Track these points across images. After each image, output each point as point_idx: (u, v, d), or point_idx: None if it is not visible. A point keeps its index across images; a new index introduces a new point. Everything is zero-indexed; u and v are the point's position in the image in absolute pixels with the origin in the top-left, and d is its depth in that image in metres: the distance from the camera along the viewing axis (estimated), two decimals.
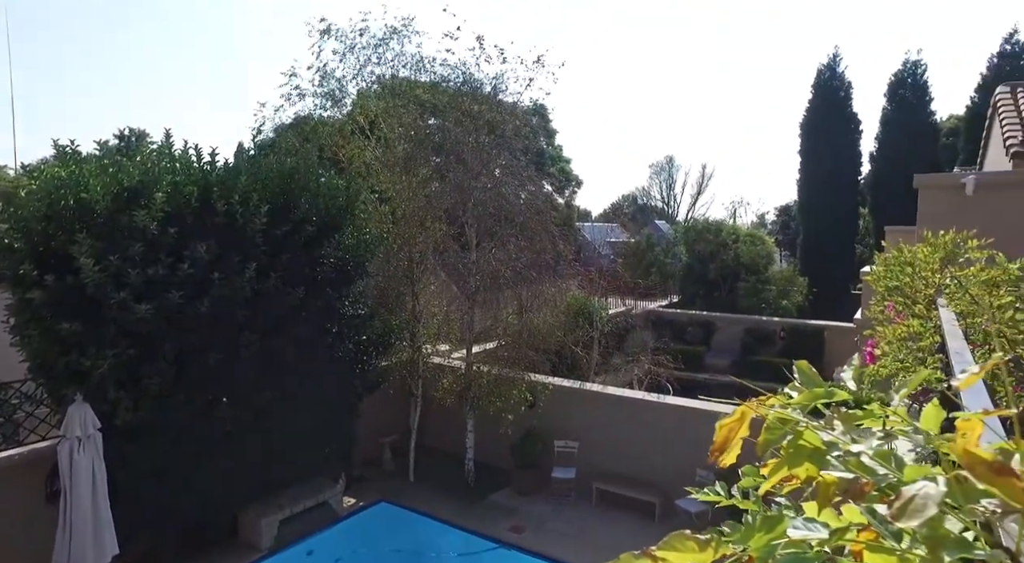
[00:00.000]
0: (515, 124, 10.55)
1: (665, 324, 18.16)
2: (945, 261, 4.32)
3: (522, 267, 9.14)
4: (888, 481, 0.51)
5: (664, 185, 39.77)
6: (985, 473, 0.45)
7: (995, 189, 6.53)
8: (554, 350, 10.32)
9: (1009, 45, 21.45)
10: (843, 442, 0.58)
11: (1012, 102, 10.02)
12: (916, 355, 3.17)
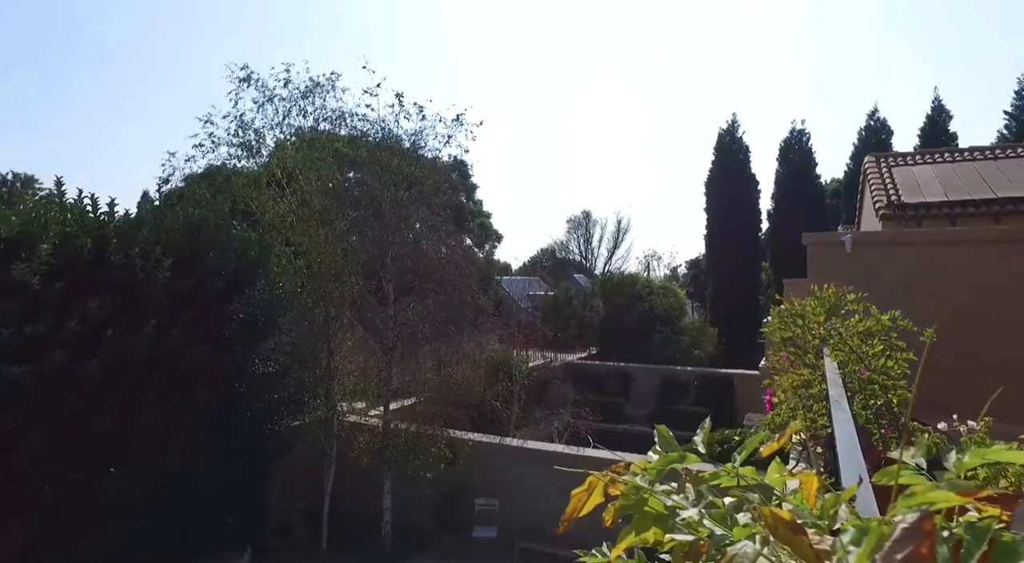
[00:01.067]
0: (435, 179, 10.71)
1: (585, 376, 18.43)
2: (829, 313, 4.70)
3: (441, 322, 9.10)
4: (724, 541, 0.56)
5: (582, 239, 41.18)
6: (784, 532, 0.50)
7: (869, 247, 7.23)
8: (474, 405, 10.22)
9: (872, 121, 24.19)
10: (680, 506, 0.62)
11: (877, 170, 11.22)
12: (807, 402, 3.39)
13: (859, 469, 1.51)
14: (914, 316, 5.52)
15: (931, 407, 4.78)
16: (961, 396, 6.48)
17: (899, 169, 11.61)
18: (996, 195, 9.54)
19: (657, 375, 18.23)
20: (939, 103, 23.78)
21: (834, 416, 2.01)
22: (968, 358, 6.66)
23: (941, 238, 7.72)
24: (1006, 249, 7.00)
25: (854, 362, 3.57)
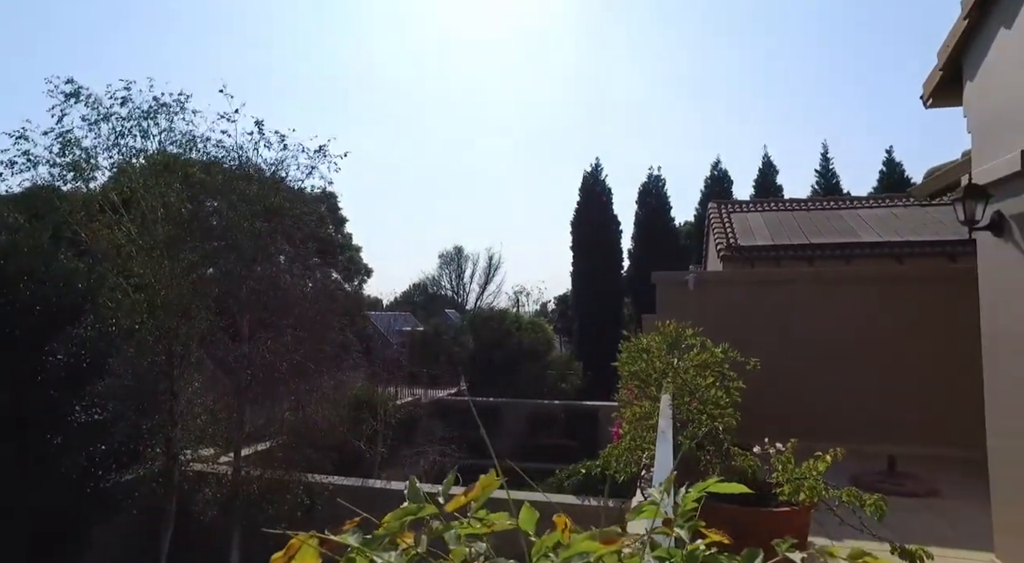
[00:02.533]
0: (301, 210, 10.32)
1: (454, 411, 18.29)
2: (671, 347, 5.08)
3: (300, 360, 8.65)
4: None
5: (454, 275, 41.38)
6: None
7: (708, 285, 7.95)
8: (336, 446, 9.74)
9: (716, 171, 27.01)
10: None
11: (719, 216, 12.45)
12: (644, 434, 3.61)
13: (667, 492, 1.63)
14: (748, 347, 6.11)
15: (776, 428, 5.27)
16: (794, 417, 7.22)
17: (736, 215, 12.97)
18: (809, 241, 10.94)
19: (525, 409, 18.53)
20: (768, 159, 27.04)
21: (657, 447, 2.16)
22: (797, 384, 7.46)
23: (766, 277, 8.68)
24: (819, 288, 8.00)
25: (687, 394, 3.87)
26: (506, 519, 0.77)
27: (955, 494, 5.45)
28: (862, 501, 2.94)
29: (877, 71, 44.94)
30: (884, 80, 44.20)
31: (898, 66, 42.54)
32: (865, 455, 6.47)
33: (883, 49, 45.78)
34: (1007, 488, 3.90)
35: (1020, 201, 3.57)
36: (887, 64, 43.22)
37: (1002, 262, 3.83)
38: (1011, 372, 3.83)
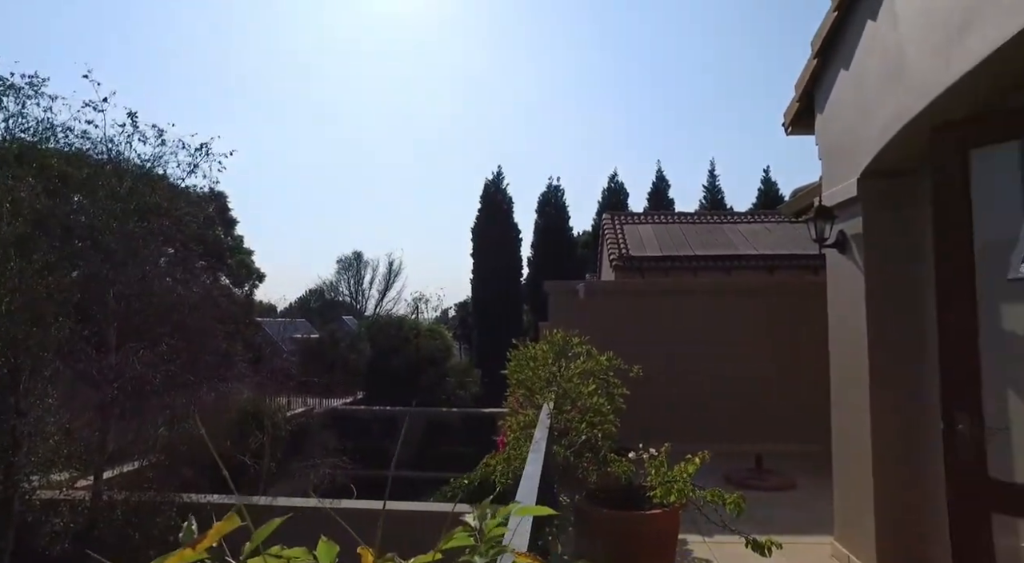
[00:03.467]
0: (183, 210, 9.62)
1: (350, 422, 17.78)
2: (558, 355, 5.20)
3: (177, 370, 8.03)
4: None
5: (352, 280, 40.23)
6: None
7: (598, 294, 8.23)
8: (217, 463, 9.13)
9: (613, 183, 28.14)
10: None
11: (612, 227, 12.96)
12: (529, 443, 3.66)
13: (528, 501, 1.66)
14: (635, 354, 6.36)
15: (661, 432, 5.49)
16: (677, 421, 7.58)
17: (629, 227, 13.56)
18: (695, 253, 11.63)
19: (423, 417, 18.33)
20: (661, 173, 28.53)
21: (529, 457, 2.19)
22: (680, 389, 7.88)
23: (652, 287, 9.11)
24: (703, 298, 8.51)
25: (569, 402, 3.97)
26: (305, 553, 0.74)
27: (809, 486, 5.97)
28: (724, 500, 3.13)
29: (759, 95, 48.70)
30: (766, 104, 47.99)
31: (775, 92, 46.45)
32: (738, 454, 6.95)
33: (762, 74, 49.66)
34: (843, 479, 4.32)
35: (857, 222, 3.98)
36: (767, 89, 46.96)
37: (845, 275, 4.26)
38: (845, 374, 4.25)
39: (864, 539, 3.94)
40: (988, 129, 2.47)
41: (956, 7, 2.93)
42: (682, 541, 4.69)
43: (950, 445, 2.35)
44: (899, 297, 3.84)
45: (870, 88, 3.79)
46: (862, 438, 3.93)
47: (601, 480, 3.55)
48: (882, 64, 3.64)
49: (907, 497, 3.68)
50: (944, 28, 3.02)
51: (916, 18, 3.30)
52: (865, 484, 3.91)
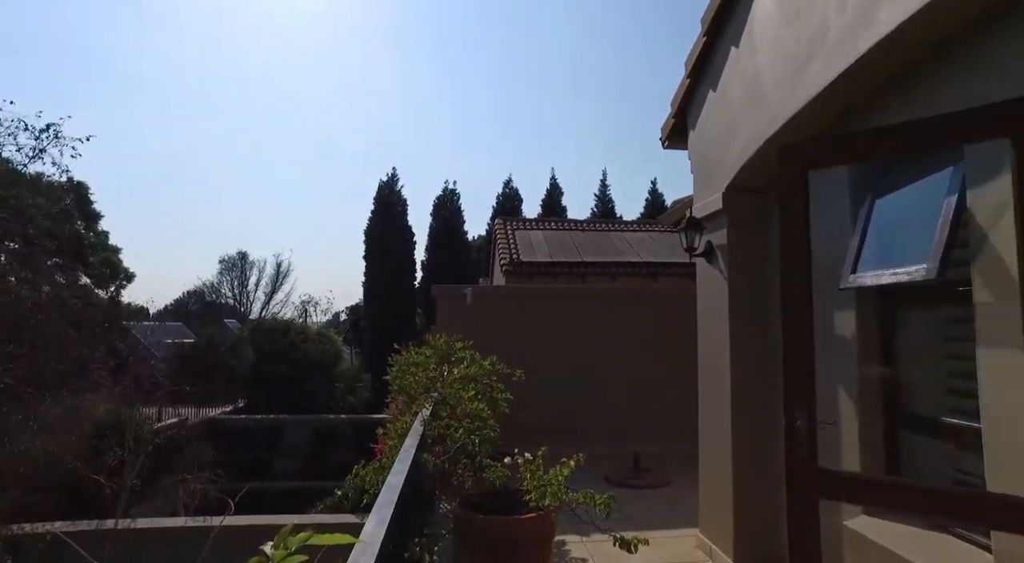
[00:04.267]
0: (28, 201, 8.60)
1: (229, 432, 16.69)
2: (442, 360, 5.15)
3: (13, 382, 7.15)
4: None
5: (236, 282, 37.90)
6: None
7: (486, 299, 8.27)
8: (67, 484, 8.21)
9: (508, 189, 28.53)
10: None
11: (504, 232, 13.10)
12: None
13: (384, 516, 1.61)
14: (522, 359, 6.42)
15: (547, 435, 5.55)
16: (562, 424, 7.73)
17: (520, 232, 13.76)
18: (583, 259, 12.00)
19: (310, 425, 17.56)
20: (555, 181, 29.25)
21: (395, 466, 2.13)
22: (565, 392, 8.06)
23: (539, 292, 9.25)
24: (588, 303, 8.77)
25: (448, 407, 3.94)
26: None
27: (682, 482, 6.31)
28: (594, 501, 3.22)
29: (652, 109, 51.35)
30: (659, 118, 50.63)
31: (665, 106, 49.13)
32: (618, 455, 7.22)
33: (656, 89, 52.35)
34: (707, 474, 4.61)
35: (723, 234, 4.27)
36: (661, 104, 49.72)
37: (711, 283, 4.55)
38: (710, 376, 4.55)
39: (724, 529, 4.21)
40: (824, 151, 2.72)
41: (800, 43, 3.21)
42: (560, 542, 4.79)
43: (790, 440, 2.55)
44: (758, 304, 4.16)
45: (734, 109, 4.08)
46: (723, 436, 4.21)
47: (477, 486, 3.54)
48: (743, 88, 3.93)
49: (759, 489, 3.98)
50: (792, 60, 3.30)
51: (770, 49, 3.59)
52: (725, 479, 4.18)
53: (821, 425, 2.54)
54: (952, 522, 2.67)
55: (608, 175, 29.95)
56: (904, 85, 2.89)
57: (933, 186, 2.75)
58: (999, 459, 2.29)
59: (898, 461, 3.13)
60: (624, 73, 55.64)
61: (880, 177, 3.11)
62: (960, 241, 2.50)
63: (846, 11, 2.83)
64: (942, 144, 2.49)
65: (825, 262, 3.10)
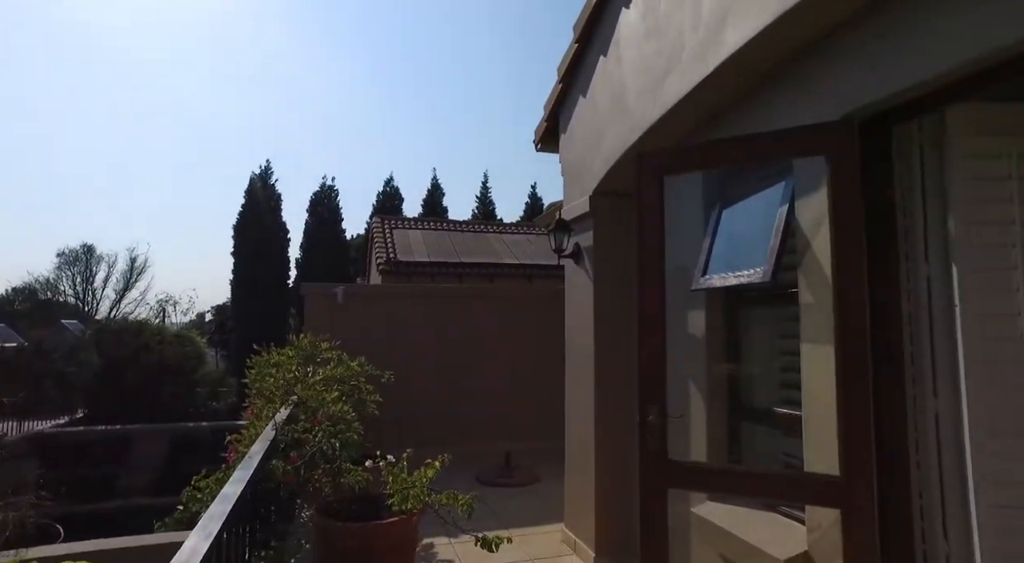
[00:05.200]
0: None
1: (61, 447, 14.86)
2: (307, 361, 4.90)
3: None
4: None
5: (79, 278, 33.87)
6: None
7: (359, 299, 8.01)
8: None
9: (389, 187, 27.98)
10: None
11: (382, 231, 12.81)
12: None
13: (211, 531, 1.46)
14: (395, 359, 6.26)
15: (420, 436, 5.40)
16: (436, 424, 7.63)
17: (399, 231, 13.51)
18: (461, 260, 12.00)
19: (165, 435, 16.06)
20: (436, 181, 29.07)
21: (234, 475, 1.96)
22: (439, 392, 7.97)
23: (414, 292, 9.08)
24: (463, 303, 8.75)
25: (308, 410, 3.74)
26: None
27: (551, 479, 6.46)
28: (457, 501, 3.19)
29: (534, 112, 52.61)
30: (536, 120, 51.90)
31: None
32: (492, 453, 7.27)
33: (539, 93, 53.70)
34: (572, 470, 4.76)
35: (589, 236, 4.43)
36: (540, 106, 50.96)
37: (578, 284, 4.70)
38: (576, 373, 4.70)
39: (586, 522, 4.35)
40: (677, 158, 2.89)
41: (660, 57, 3.40)
42: (429, 545, 4.73)
43: (642, 434, 2.67)
44: (621, 304, 4.34)
45: (601, 115, 4.24)
46: (587, 432, 4.36)
47: (337, 492, 3.39)
48: (610, 96, 4.10)
49: (620, 482, 4.16)
50: (652, 72, 3.48)
51: (634, 61, 3.76)
52: (588, 473, 4.33)
53: (671, 419, 2.69)
54: (777, 501, 2.93)
55: (490, 177, 30.27)
56: (748, 102, 3.14)
57: (771, 197, 3.00)
58: (813, 442, 2.54)
59: (740, 449, 3.39)
60: (510, 75, 56.67)
61: (729, 187, 3.36)
62: (790, 248, 2.76)
63: (699, 30, 3.02)
64: (776, 157, 2.73)
65: (685, 265, 3.30)
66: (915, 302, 2.31)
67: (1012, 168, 2.23)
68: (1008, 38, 1.79)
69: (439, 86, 55.93)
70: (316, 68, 53.10)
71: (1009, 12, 1.77)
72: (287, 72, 53.81)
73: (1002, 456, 2.10)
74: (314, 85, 53.99)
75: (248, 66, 53.78)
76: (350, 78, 54.13)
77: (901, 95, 2.19)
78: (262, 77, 54.24)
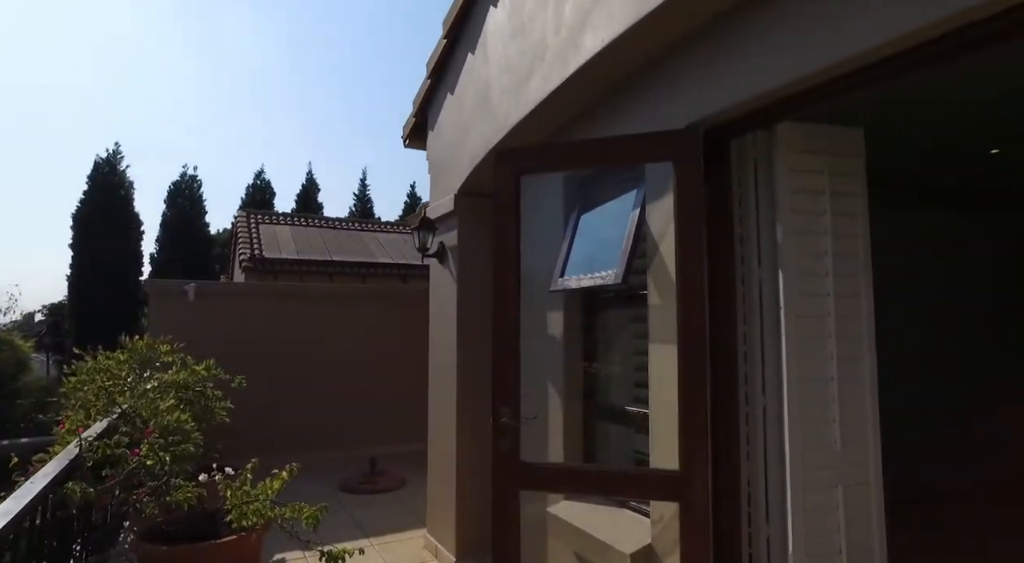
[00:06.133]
0: None
1: None
2: (143, 366, 4.39)
3: None
4: None
5: None
6: None
7: (214, 297, 7.39)
8: None
9: (259, 180, 26.33)
10: None
11: (246, 225, 11.97)
12: None
13: None
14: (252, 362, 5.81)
15: (280, 443, 5.01)
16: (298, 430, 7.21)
17: (265, 226, 12.68)
18: (332, 258, 11.50)
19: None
20: (312, 176, 27.77)
21: (3, 506, 1.65)
22: (302, 397, 7.53)
23: (274, 290, 8.50)
24: (328, 303, 8.33)
25: (135, 421, 3.34)
26: None
27: (417, 482, 6.33)
28: (302, 514, 2.97)
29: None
30: None
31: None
32: (358, 459, 6.99)
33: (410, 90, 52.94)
34: (435, 473, 4.67)
35: (454, 235, 4.36)
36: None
37: (443, 284, 4.61)
38: (439, 374, 4.61)
39: (448, 526, 4.27)
40: (534, 157, 2.89)
41: (524, 58, 3.40)
42: (280, 561, 4.42)
43: (495, 436, 2.63)
44: (485, 305, 4.28)
45: (467, 114, 4.18)
46: (449, 435, 4.28)
47: (164, 512, 3.04)
48: (476, 94, 4.05)
49: (481, 485, 4.11)
50: (516, 72, 3.48)
51: (500, 60, 3.75)
52: (450, 477, 4.25)
53: (526, 421, 2.67)
54: (624, 497, 3.02)
55: (369, 175, 29.42)
56: (610, 106, 3.20)
57: (626, 202, 3.09)
58: (658, 439, 2.63)
59: (595, 448, 3.47)
60: (392, 71, 55.51)
61: (588, 192, 3.43)
62: (641, 252, 2.85)
63: (561, 32, 3.05)
64: (628, 161, 2.81)
65: (547, 267, 3.31)
66: (749, 304, 2.46)
67: (825, 183, 2.45)
68: (812, 66, 1.94)
69: (316, 78, 53.56)
70: (171, 39, 48.82)
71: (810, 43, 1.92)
72: (136, 54, 48.97)
73: (811, 444, 2.29)
74: (173, 53, 49.56)
75: (92, 40, 48.29)
76: (218, 59, 50.37)
77: (739, 108, 2.32)
78: (107, 54, 48.94)
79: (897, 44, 1.74)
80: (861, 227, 2.48)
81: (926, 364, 4.89)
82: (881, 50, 1.78)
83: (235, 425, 4.46)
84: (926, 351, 4.98)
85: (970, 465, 4.94)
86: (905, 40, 1.71)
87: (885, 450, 2.45)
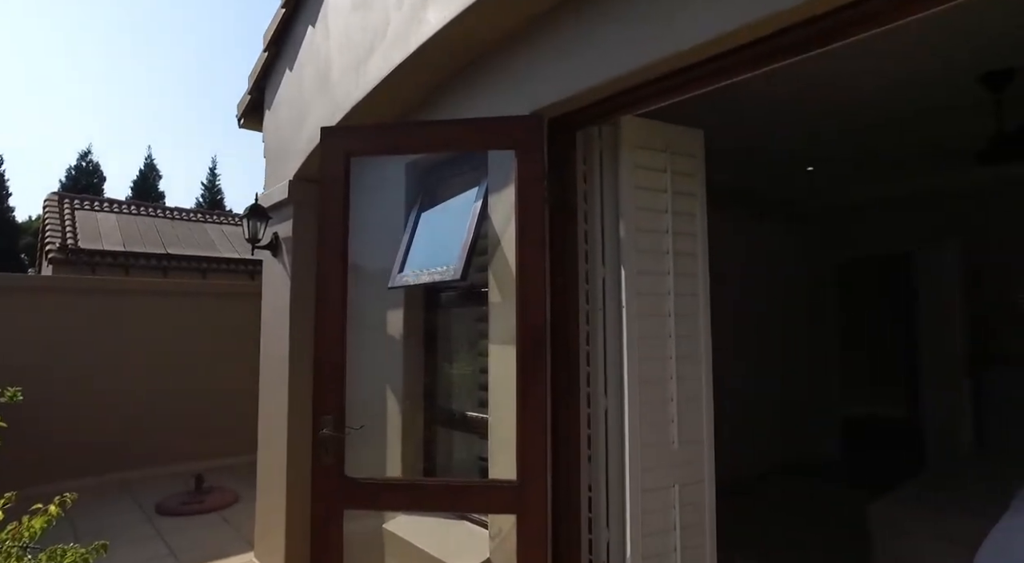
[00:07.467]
0: None
1: None
2: None
3: None
4: None
5: None
6: None
7: (11, 295, 6.20)
8: None
9: (85, 162, 23.23)
10: None
11: (58, 212, 10.39)
12: None
13: None
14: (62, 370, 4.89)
15: (86, 462, 4.17)
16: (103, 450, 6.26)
17: (85, 213, 11.09)
18: (168, 252, 10.30)
19: None
20: (151, 161, 25.00)
21: None
22: (115, 410, 6.56)
23: (83, 285, 7.28)
24: (152, 301, 7.35)
25: None
26: None
27: (252, 499, 5.74)
28: (63, 559, 2.43)
29: None
30: None
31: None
32: (183, 475, 6.21)
33: None
34: (264, 489, 4.21)
35: (288, 226, 3.93)
36: None
37: (275, 279, 4.15)
38: (271, 379, 4.16)
39: (277, 550, 3.84)
40: (365, 137, 2.59)
41: (365, 33, 3.10)
42: None
43: (315, 449, 2.31)
44: None
45: (306, 92, 3.79)
46: (280, 446, 3.85)
47: None
48: (316, 71, 3.68)
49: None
50: (357, 49, 3.17)
51: (340, 36, 3.41)
52: (280, 492, 3.83)
53: (348, 431, 2.38)
54: (460, 511, 2.83)
55: (219, 164, 27.06)
56: (457, 88, 2.98)
57: (469, 195, 2.91)
58: (498, 445, 2.46)
59: (437, 457, 3.24)
60: (248, 52, 51.60)
61: (431, 184, 3.20)
62: (483, 248, 2.67)
63: (403, 7, 2.79)
64: (467, 146, 2.61)
65: (390, 263, 3.03)
66: (593, 303, 2.36)
67: (667, 182, 2.42)
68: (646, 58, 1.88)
69: (159, 53, 48.42)
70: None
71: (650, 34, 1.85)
72: None
73: (648, 445, 2.24)
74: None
75: None
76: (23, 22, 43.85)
77: (582, 97, 2.20)
78: None
79: (725, 42, 1.71)
80: (700, 227, 2.47)
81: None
82: (708, 48, 1.76)
83: (26, 445, 3.71)
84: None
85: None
86: (733, 38, 1.69)
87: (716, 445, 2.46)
